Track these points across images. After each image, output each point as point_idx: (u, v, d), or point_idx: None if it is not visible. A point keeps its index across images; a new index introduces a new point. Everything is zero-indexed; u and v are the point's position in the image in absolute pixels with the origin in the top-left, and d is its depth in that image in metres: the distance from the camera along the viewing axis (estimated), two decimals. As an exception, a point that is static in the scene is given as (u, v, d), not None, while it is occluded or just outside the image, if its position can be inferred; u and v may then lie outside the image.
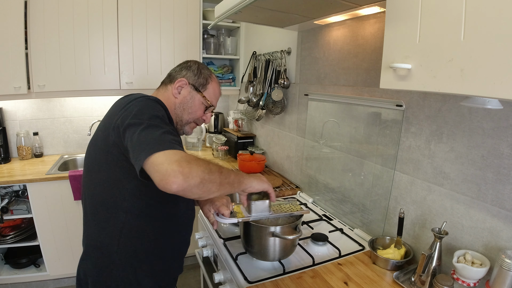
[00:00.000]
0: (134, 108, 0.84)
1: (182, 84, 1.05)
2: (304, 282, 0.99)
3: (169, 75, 1.10)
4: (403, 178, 1.17)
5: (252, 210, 1.00)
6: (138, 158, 0.73)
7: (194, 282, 2.29)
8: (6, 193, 2.04)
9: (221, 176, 0.80)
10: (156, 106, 0.88)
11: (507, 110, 0.84)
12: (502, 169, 0.86)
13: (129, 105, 0.87)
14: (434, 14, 0.70)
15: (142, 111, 0.84)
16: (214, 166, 0.80)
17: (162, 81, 1.11)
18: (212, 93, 1.10)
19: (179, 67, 1.10)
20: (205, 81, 1.08)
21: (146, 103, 0.88)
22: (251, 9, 1.24)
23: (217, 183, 0.79)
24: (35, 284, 2.15)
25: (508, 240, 0.85)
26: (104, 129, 0.89)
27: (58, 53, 2.06)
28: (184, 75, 1.06)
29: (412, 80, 0.76)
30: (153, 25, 2.29)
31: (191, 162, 0.73)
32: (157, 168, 0.70)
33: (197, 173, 0.72)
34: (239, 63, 2.65)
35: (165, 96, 1.06)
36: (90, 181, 0.94)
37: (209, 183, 0.76)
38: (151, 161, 0.71)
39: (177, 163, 0.70)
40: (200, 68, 1.09)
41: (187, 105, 1.06)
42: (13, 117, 2.35)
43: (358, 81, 1.37)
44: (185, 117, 1.07)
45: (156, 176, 0.70)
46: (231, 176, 0.85)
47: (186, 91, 1.06)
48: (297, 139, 1.89)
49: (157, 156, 0.71)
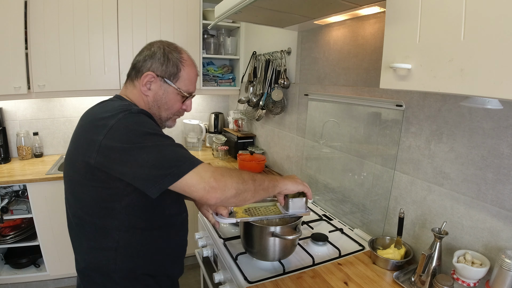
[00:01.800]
0: (122, 129, 0.75)
1: (149, 79, 0.90)
2: (304, 282, 0.99)
3: (133, 67, 0.94)
4: (403, 178, 1.17)
5: (290, 207, 1.00)
6: (159, 181, 0.72)
7: (194, 282, 2.29)
8: (6, 193, 2.04)
9: (255, 183, 0.83)
10: (144, 121, 0.80)
11: (507, 110, 0.84)
12: (502, 169, 0.86)
13: (112, 123, 0.75)
14: (434, 14, 0.70)
15: (135, 131, 0.75)
16: (247, 174, 0.82)
17: (128, 74, 0.96)
18: (187, 80, 0.95)
19: (143, 56, 0.92)
20: (175, 68, 0.92)
21: (134, 120, 0.78)
22: (251, 9, 1.24)
23: (252, 191, 0.82)
24: (35, 284, 2.15)
25: (508, 240, 0.85)
26: (82, 147, 0.79)
27: (58, 53, 2.06)
28: (150, 67, 0.90)
29: (412, 80, 0.76)
30: (153, 25, 2.29)
31: (225, 175, 0.77)
32: (195, 188, 0.73)
33: (232, 185, 0.77)
34: (239, 63, 2.65)
35: (135, 94, 0.93)
36: (75, 203, 0.86)
37: (244, 192, 0.80)
38: (185, 183, 0.73)
39: (213, 179, 0.74)
40: (166, 54, 0.91)
41: (162, 102, 0.94)
42: (13, 117, 2.35)
43: (358, 81, 1.37)
44: (163, 114, 0.96)
45: (195, 195, 0.74)
46: (265, 182, 0.87)
47: (157, 86, 0.92)
48: (297, 139, 1.89)
49: (190, 176, 0.73)
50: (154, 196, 0.73)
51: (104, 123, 0.76)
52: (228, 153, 2.51)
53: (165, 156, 0.73)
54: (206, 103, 3.00)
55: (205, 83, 2.59)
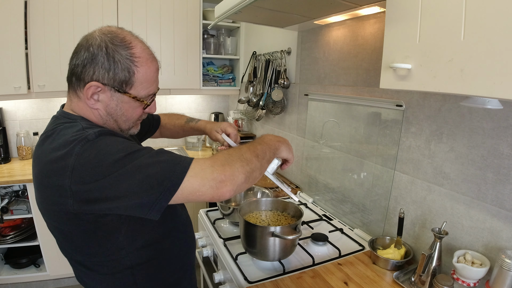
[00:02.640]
0: (87, 166, 0.61)
1: (94, 90, 0.71)
2: (304, 282, 0.99)
3: (72, 73, 0.73)
4: (403, 178, 1.17)
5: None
6: (155, 203, 0.62)
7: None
8: (6, 193, 2.04)
9: (258, 159, 0.74)
10: (107, 145, 0.65)
11: (507, 110, 0.84)
12: (502, 169, 0.86)
13: (72, 162, 0.62)
14: (434, 14, 0.70)
15: (102, 163, 0.62)
16: (248, 152, 0.73)
17: (68, 81, 0.76)
18: (145, 82, 0.75)
19: (81, 60, 0.71)
20: (127, 73, 0.71)
21: (95, 151, 0.63)
22: (251, 9, 1.24)
23: (259, 168, 0.74)
24: (35, 284, 2.15)
25: (508, 240, 0.85)
26: (52, 196, 0.66)
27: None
28: (93, 75, 0.70)
29: (412, 80, 0.76)
30: (153, 25, 2.29)
31: (226, 163, 0.67)
32: (201, 192, 0.64)
33: (238, 170, 0.67)
34: (239, 63, 2.65)
35: (82, 108, 0.75)
36: (72, 250, 0.78)
37: (253, 173, 0.71)
38: (186, 191, 0.63)
39: (217, 173, 0.64)
40: (110, 54, 0.70)
41: (117, 114, 0.76)
42: (13, 117, 2.35)
43: (358, 81, 1.37)
44: (123, 126, 0.79)
45: (204, 198, 0.64)
46: (266, 153, 0.79)
47: (106, 97, 0.73)
48: (297, 139, 1.89)
49: (189, 182, 0.63)
50: (156, 218, 0.64)
51: (63, 165, 0.62)
52: (228, 153, 2.51)
53: (149, 174, 0.62)
54: (206, 103, 3.00)
55: (205, 83, 2.59)
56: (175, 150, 2.77)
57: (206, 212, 1.52)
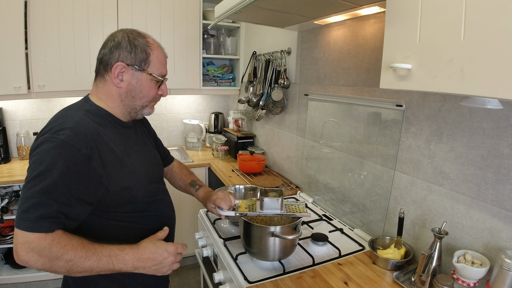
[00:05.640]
0: (42, 161, 0.75)
1: (120, 70, 0.87)
2: (304, 282, 0.99)
3: (100, 61, 0.91)
4: (403, 178, 1.17)
5: (264, 206, 1.05)
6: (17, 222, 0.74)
7: (194, 282, 2.29)
8: (6, 193, 2.04)
9: (68, 264, 0.75)
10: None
11: (507, 110, 0.84)
12: (502, 169, 0.86)
13: (37, 145, 0.78)
14: (434, 14, 0.70)
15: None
16: (64, 259, 0.74)
17: (96, 70, 0.92)
18: (158, 63, 0.92)
19: (108, 48, 0.89)
20: (144, 54, 0.89)
21: (56, 157, 0.75)
22: (251, 9, 1.24)
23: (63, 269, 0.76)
24: (35, 284, 2.15)
25: (508, 240, 0.85)
26: None
27: (58, 53, 2.06)
28: (118, 58, 0.87)
29: (412, 80, 0.76)
30: (153, 25, 2.29)
31: (38, 256, 0.72)
32: (15, 246, 0.74)
33: (36, 265, 0.73)
34: (239, 63, 2.65)
35: (106, 90, 0.90)
36: None
37: (52, 268, 0.75)
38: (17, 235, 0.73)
39: (23, 252, 0.72)
40: (131, 41, 0.88)
41: (136, 91, 0.91)
42: (13, 117, 2.35)
43: (358, 81, 1.37)
44: (138, 103, 0.93)
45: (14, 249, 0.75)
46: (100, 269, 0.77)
47: (129, 76, 0.89)
48: (297, 139, 1.89)
49: (20, 234, 0.73)
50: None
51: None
52: (228, 153, 2.51)
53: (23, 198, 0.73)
54: (206, 103, 3.00)
55: (205, 83, 2.59)
56: (175, 150, 2.77)
57: (206, 212, 1.52)
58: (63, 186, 0.74)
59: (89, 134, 0.80)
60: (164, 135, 2.87)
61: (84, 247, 0.76)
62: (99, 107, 0.90)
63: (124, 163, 0.87)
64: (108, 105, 0.91)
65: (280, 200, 1.06)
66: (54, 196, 0.73)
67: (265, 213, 1.06)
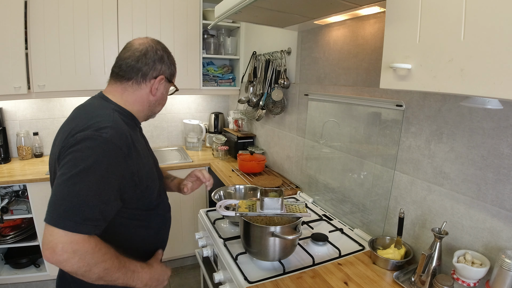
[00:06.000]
0: (86, 158, 0.74)
1: (160, 81, 0.94)
2: (304, 282, 0.99)
3: (137, 70, 0.91)
4: (403, 178, 1.17)
5: (264, 206, 1.06)
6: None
7: (194, 282, 2.29)
8: (6, 193, 2.04)
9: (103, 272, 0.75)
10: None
11: (507, 110, 0.84)
12: (502, 169, 0.86)
13: (78, 141, 0.75)
14: (434, 14, 0.70)
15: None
16: (103, 266, 0.74)
17: (129, 77, 0.91)
18: (176, 75, 1.04)
19: (151, 59, 0.92)
20: (174, 69, 1.00)
21: (101, 155, 0.75)
22: (251, 9, 1.24)
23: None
24: (35, 284, 2.15)
25: (508, 240, 0.85)
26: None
27: (58, 53, 2.06)
28: (160, 70, 0.93)
29: (412, 80, 0.76)
30: (153, 25, 2.29)
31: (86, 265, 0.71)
32: (44, 244, 0.70)
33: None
34: (239, 63, 2.65)
35: (138, 95, 0.93)
36: None
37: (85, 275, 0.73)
38: (46, 231, 0.71)
39: (66, 254, 0.70)
40: (169, 56, 0.98)
41: (163, 100, 1.01)
42: (13, 117, 2.35)
43: (358, 81, 1.37)
44: (159, 108, 1.03)
45: (42, 247, 0.72)
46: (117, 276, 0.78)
47: (163, 87, 0.97)
48: (297, 139, 1.89)
49: (53, 231, 0.70)
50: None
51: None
52: (228, 153, 2.51)
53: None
54: (206, 103, 3.00)
55: (205, 83, 2.59)
56: (175, 150, 2.77)
57: (206, 212, 1.52)
58: (106, 184, 0.75)
59: (126, 133, 0.82)
60: (164, 135, 2.87)
61: (117, 258, 0.78)
62: (122, 107, 0.92)
63: (145, 162, 0.91)
64: (134, 108, 0.95)
65: (280, 200, 1.06)
66: (98, 195, 0.73)
67: (265, 213, 1.06)
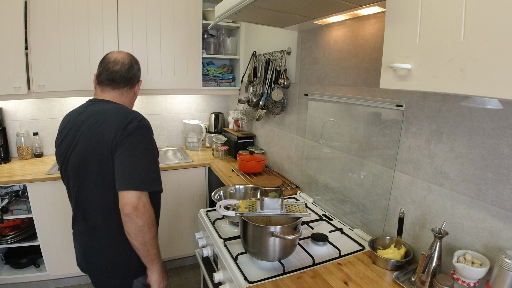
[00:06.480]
0: (142, 140, 1.05)
1: (140, 83, 1.30)
2: (304, 282, 0.99)
3: (131, 78, 1.22)
4: (403, 178, 1.17)
5: (264, 206, 1.06)
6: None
7: (194, 282, 2.29)
8: (6, 193, 2.04)
9: (153, 241, 1.05)
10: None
11: (507, 110, 0.84)
12: (502, 169, 0.86)
13: (133, 130, 1.04)
14: (434, 14, 0.70)
15: (146, 149, 1.05)
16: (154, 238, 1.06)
17: (124, 85, 1.21)
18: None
19: (135, 68, 1.24)
20: (140, 72, 1.30)
21: (149, 137, 1.09)
22: (251, 9, 1.24)
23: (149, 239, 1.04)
24: (35, 284, 2.15)
25: (508, 240, 0.85)
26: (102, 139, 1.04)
27: (58, 53, 2.06)
28: (139, 76, 1.29)
29: (412, 80, 0.76)
30: (153, 25, 2.29)
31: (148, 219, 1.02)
32: (128, 202, 0.99)
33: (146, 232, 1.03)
34: (239, 63, 2.65)
35: (130, 97, 1.27)
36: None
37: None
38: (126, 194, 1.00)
39: (143, 208, 1.01)
40: (139, 66, 1.29)
41: (136, 96, 1.32)
42: (13, 117, 2.35)
43: (358, 81, 1.37)
44: (132, 105, 1.32)
45: (123, 205, 1.00)
46: (154, 254, 1.08)
47: (138, 86, 1.30)
48: (297, 139, 1.89)
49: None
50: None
51: (124, 127, 1.07)
52: (228, 153, 2.51)
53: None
54: (206, 103, 3.00)
55: (205, 83, 2.59)
56: (175, 150, 2.77)
57: (206, 212, 1.52)
58: (155, 156, 1.09)
59: None
60: (164, 135, 2.87)
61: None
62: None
63: None
64: (129, 108, 1.23)
65: (280, 200, 1.06)
66: (155, 164, 1.08)
67: (265, 213, 1.06)
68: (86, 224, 1.12)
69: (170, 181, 2.29)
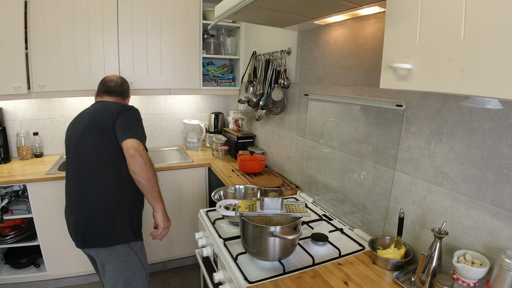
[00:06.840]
0: (135, 116, 1.47)
1: (129, 97, 1.79)
2: (304, 282, 0.99)
3: (121, 91, 1.67)
4: (403, 178, 1.17)
5: (264, 206, 1.06)
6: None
7: (194, 282, 2.29)
8: (6, 193, 2.04)
9: (155, 180, 1.38)
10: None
11: (507, 110, 0.84)
12: (502, 169, 0.86)
13: (128, 108, 1.47)
14: (434, 14, 0.70)
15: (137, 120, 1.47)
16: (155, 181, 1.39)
17: (116, 94, 1.64)
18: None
19: (125, 85, 1.72)
20: (129, 90, 1.78)
21: (140, 117, 1.50)
22: (251, 9, 1.24)
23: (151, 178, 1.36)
24: (35, 284, 2.15)
25: (508, 240, 0.85)
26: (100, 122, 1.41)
27: (58, 53, 2.06)
28: (129, 92, 1.76)
29: (412, 80, 0.76)
30: (153, 25, 2.29)
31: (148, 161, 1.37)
32: (134, 146, 1.33)
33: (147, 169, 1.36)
34: (239, 63, 2.65)
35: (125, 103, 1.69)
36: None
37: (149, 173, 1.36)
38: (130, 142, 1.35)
39: (143, 152, 1.35)
40: (127, 83, 1.75)
41: None
42: (13, 117, 2.35)
43: (358, 81, 1.37)
44: None
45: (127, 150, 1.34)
46: (158, 190, 1.41)
47: (128, 99, 1.79)
48: (297, 139, 1.89)
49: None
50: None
51: (118, 111, 1.45)
52: (228, 153, 2.51)
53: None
54: (206, 103, 3.00)
55: (205, 83, 2.59)
56: (175, 150, 2.77)
57: (206, 212, 1.52)
58: (142, 125, 1.46)
59: None
60: (164, 135, 2.87)
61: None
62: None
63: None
64: None
65: (280, 200, 1.06)
66: (143, 129, 1.45)
67: (265, 213, 1.06)
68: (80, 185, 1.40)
69: (170, 181, 2.29)
